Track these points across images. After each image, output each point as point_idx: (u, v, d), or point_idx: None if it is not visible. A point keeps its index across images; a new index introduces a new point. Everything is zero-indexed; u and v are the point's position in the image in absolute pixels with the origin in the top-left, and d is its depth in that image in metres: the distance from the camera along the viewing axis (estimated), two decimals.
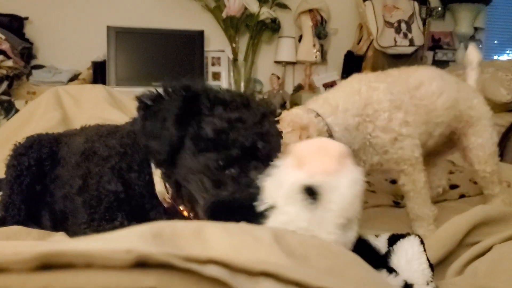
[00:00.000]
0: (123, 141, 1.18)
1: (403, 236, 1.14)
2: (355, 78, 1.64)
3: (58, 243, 0.41)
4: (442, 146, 1.88)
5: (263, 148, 1.02)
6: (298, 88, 4.67)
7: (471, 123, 1.77)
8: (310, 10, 4.52)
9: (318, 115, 1.49)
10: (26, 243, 0.73)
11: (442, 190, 2.04)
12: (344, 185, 0.85)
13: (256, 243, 0.50)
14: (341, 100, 1.53)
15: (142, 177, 1.13)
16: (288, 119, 1.40)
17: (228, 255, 0.41)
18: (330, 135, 1.49)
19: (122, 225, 1.07)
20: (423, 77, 1.69)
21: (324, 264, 0.54)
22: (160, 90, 1.06)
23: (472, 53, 1.94)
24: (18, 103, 3.69)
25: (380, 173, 1.93)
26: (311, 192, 0.87)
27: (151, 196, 1.13)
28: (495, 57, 5.36)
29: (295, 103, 4.45)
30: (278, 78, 4.60)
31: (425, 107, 1.63)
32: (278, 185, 0.90)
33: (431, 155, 1.91)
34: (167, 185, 1.10)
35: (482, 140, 1.77)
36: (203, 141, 1.00)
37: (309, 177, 0.85)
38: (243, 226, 0.65)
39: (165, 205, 1.12)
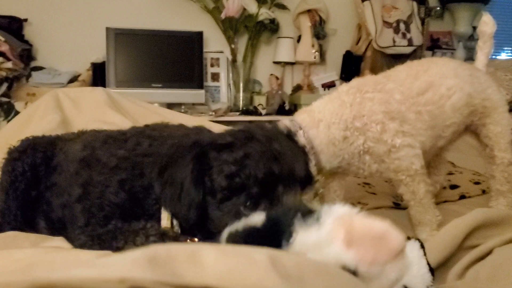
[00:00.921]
0: (137, 160, 1.17)
1: None
2: (353, 86, 1.60)
3: (51, 269, 0.41)
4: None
5: (282, 170, 1.01)
6: (297, 88, 4.68)
7: (487, 114, 1.74)
8: (309, 11, 4.52)
9: (300, 128, 1.50)
10: (19, 265, 0.72)
11: (440, 186, 2.03)
12: (387, 279, 0.79)
13: (252, 266, 0.50)
14: (328, 114, 1.52)
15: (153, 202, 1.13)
16: None
17: (223, 280, 0.41)
18: (311, 148, 1.50)
19: (115, 228, 1.07)
20: (434, 78, 1.64)
21: (321, 285, 0.54)
22: (172, 149, 1.07)
23: (486, 22, 1.85)
24: (18, 105, 3.69)
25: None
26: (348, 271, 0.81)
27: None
28: (494, 56, 5.37)
29: (294, 104, 4.46)
30: (277, 78, 4.60)
31: (429, 113, 1.59)
32: (316, 249, 0.81)
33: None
34: (174, 223, 1.10)
35: (501, 128, 1.75)
36: (220, 193, 1.00)
37: (353, 262, 0.76)
38: (238, 248, 0.64)
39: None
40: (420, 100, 1.59)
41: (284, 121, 1.49)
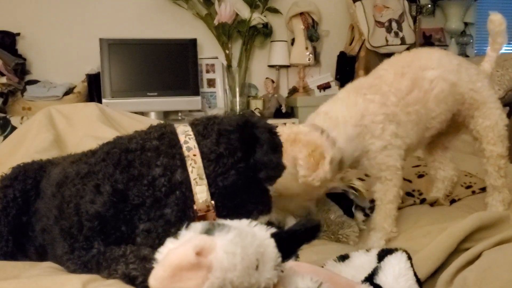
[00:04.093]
0: (123, 147, 1.18)
1: (390, 252, 1.15)
2: (350, 90, 1.71)
3: None
4: (447, 129, 1.91)
5: None
6: (293, 91, 4.68)
7: (476, 106, 1.78)
8: (301, 13, 4.53)
9: (323, 131, 1.58)
10: None
11: (448, 182, 2.05)
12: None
13: None
14: (341, 113, 1.62)
15: (158, 185, 1.14)
16: (304, 141, 1.53)
17: None
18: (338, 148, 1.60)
19: (99, 253, 1.08)
20: (416, 74, 1.69)
21: None
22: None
23: (493, 21, 1.86)
24: (14, 120, 3.68)
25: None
26: None
27: (153, 206, 1.14)
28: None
29: (290, 106, 4.47)
30: (273, 82, 4.61)
31: (417, 112, 1.67)
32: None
33: (437, 139, 1.98)
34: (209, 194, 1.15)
35: (490, 122, 1.78)
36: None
37: None
38: None
39: (200, 213, 1.15)
40: (409, 99, 1.66)
41: (305, 127, 1.61)
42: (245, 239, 0.81)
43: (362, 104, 1.62)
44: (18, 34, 4.18)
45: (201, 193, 1.15)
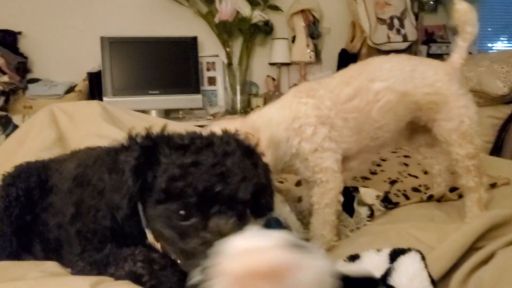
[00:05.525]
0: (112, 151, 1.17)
1: (403, 252, 1.13)
2: (291, 92, 1.72)
3: None
4: (424, 130, 1.87)
5: (223, 190, 0.96)
6: None
7: (437, 109, 1.71)
8: (302, 11, 4.51)
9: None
10: None
11: (445, 186, 2.02)
12: None
13: None
14: (274, 114, 1.64)
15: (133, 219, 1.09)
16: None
17: None
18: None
19: (111, 253, 1.07)
20: (361, 84, 1.67)
21: None
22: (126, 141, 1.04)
23: (459, 10, 1.81)
24: (15, 118, 3.70)
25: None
26: None
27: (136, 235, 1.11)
28: (490, 45, 5.41)
29: None
30: (274, 79, 4.59)
31: (354, 119, 1.65)
32: None
33: (418, 139, 1.96)
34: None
35: (452, 125, 1.70)
36: (158, 192, 0.97)
37: None
38: None
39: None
40: (347, 107, 1.65)
41: (236, 121, 1.59)
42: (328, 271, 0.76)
43: (295, 108, 1.63)
44: (20, 32, 4.17)
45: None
